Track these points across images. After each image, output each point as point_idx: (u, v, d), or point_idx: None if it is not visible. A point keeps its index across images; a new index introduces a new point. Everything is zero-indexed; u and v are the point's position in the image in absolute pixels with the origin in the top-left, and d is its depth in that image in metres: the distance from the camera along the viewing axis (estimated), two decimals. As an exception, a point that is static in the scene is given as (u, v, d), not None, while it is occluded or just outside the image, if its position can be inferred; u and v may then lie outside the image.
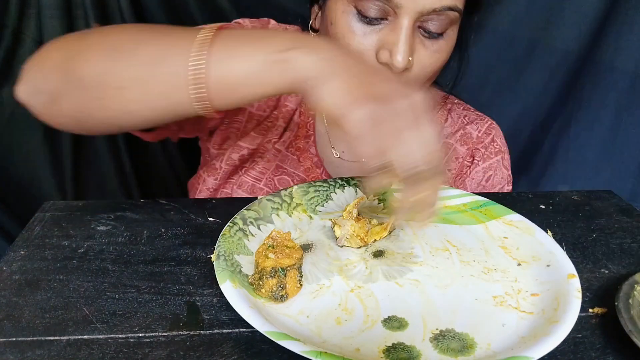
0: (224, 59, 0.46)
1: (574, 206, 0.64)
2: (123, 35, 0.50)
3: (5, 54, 1.00)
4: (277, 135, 0.76)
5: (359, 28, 0.61)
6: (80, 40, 0.52)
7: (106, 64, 0.48)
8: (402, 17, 0.59)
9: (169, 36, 0.49)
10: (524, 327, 0.42)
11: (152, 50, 0.48)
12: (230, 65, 0.46)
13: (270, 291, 0.44)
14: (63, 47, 0.52)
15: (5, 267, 0.48)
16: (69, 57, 0.50)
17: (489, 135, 0.79)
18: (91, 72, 0.48)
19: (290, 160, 0.76)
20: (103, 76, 0.48)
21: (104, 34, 0.52)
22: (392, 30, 0.60)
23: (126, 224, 0.56)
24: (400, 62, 0.60)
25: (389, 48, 0.60)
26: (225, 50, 0.46)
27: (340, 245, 0.53)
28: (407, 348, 0.40)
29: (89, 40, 0.51)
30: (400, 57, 0.59)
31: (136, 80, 0.48)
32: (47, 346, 0.39)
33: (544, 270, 0.49)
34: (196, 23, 1.10)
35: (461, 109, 0.82)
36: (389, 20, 0.61)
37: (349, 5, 0.61)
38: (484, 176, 0.78)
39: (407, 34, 0.60)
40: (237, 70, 0.46)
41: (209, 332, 0.41)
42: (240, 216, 0.54)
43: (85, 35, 0.53)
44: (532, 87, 1.11)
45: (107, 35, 0.51)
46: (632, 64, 1.01)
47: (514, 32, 1.06)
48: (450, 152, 0.79)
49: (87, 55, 0.49)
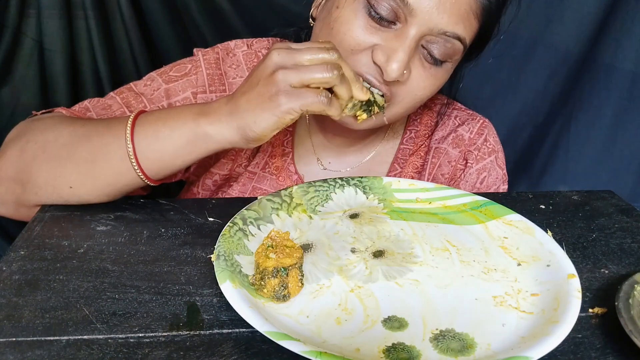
0: (150, 144, 0.54)
1: (574, 206, 0.64)
2: (59, 140, 0.57)
3: (5, 54, 1.00)
4: (246, 159, 0.75)
5: (365, 21, 0.59)
6: (23, 151, 0.58)
7: (54, 172, 0.56)
8: (411, 27, 0.58)
9: (98, 135, 0.56)
10: (524, 327, 0.42)
11: (89, 153, 0.55)
12: (159, 149, 0.55)
13: (272, 291, 0.44)
14: (12, 159, 0.58)
15: (5, 267, 0.48)
16: (20, 169, 0.57)
17: (481, 135, 0.78)
18: (43, 181, 0.56)
19: (269, 180, 0.75)
20: (54, 183, 0.56)
21: (40, 143, 0.57)
22: (396, 37, 0.58)
23: (126, 224, 0.56)
24: (395, 71, 0.57)
25: (388, 53, 0.58)
26: (146, 139, 0.54)
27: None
28: (407, 348, 0.40)
29: (31, 150, 0.57)
30: (396, 65, 0.57)
31: (83, 180, 0.56)
32: (47, 346, 0.39)
33: (544, 270, 0.49)
34: (196, 23, 1.10)
35: (451, 110, 0.81)
36: (397, 26, 0.59)
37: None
38: (478, 178, 0.77)
39: (411, 46, 0.58)
40: (166, 152, 0.55)
41: (209, 332, 0.41)
42: (240, 216, 0.54)
43: (26, 144, 0.58)
44: (532, 87, 1.11)
45: (45, 143, 0.57)
46: (632, 64, 1.02)
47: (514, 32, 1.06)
48: (442, 157, 0.78)
49: (35, 167, 0.56)
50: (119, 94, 0.70)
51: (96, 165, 0.55)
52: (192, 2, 1.08)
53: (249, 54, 0.75)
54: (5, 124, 0.99)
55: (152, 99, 0.70)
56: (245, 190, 0.75)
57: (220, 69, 0.73)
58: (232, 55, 0.74)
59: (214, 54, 0.73)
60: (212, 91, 0.72)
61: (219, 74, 0.72)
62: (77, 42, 1.05)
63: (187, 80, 0.71)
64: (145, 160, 0.55)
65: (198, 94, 0.71)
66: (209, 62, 0.73)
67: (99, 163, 0.55)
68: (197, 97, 0.71)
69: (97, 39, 1.04)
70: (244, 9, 1.09)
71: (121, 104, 0.69)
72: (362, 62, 0.60)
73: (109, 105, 0.68)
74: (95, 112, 0.67)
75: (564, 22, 1.03)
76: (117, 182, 0.56)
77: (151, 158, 0.55)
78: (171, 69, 0.72)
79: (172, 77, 0.71)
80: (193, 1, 1.08)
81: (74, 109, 0.67)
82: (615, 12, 1.00)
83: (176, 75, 0.71)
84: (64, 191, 0.56)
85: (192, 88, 0.71)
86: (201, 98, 0.71)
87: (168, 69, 0.73)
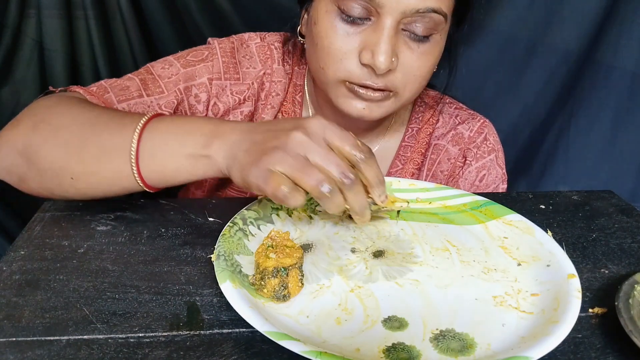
0: (155, 155, 0.53)
1: (574, 206, 0.64)
2: (71, 128, 0.56)
3: (5, 54, 1.00)
4: None
5: (342, 28, 0.61)
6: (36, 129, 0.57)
7: (60, 160, 0.55)
8: (385, 17, 0.59)
9: (109, 132, 0.55)
10: (524, 327, 0.42)
11: (96, 149, 0.54)
12: (161, 162, 0.53)
13: (272, 291, 0.44)
14: (24, 133, 0.57)
15: (5, 267, 0.48)
16: (29, 146, 0.56)
17: (481, 134, 0.78)
18: (47, 166, 0.55)
19: None
20: (58, 170, 0.55)
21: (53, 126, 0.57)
22: (374, 31, 0.60)
23: (126, 224, 0.56)
24: (382, 63, 0.59)
25: (371, 48, 0.60)
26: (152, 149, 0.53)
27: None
28: (407, 348, 0.40)
29: (44, 131, 0.57)
30: (382, 57, 0.59)
31: (86, 174, 0.55)
32: (47, 346, 0.39)
33: (544, 270, 0.49)
34: (196, 23, 1.10)
35: (453, 109, 0.81)
36: (372, 21, 0.60)
37: (332, 4, 0.61)
38: (477, 176, 0.77)
39: (390, 34, 0.59)
40: (168, 166, 0.54)
41: (209, 332, 0.41)
42: (240, 216, 0.54)
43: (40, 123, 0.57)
44: (532, 87, 1.11)
45: (57, 128, 0.56)
46: (632, 64, 1.01)
47: (514, 32, 1.06)
48: (441, 154, 0.79)
49: (43, 150, 0.56)
50: (137, 75, 0.71)
51: (101, 163, 0.55)
52: (192, 2, 1.08)
53: (261, 46, 0.77)
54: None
55: (169, 82, 0.71)
56: (245, 191, 0.76)
57: (235, 58, 0.75)
58: (245, 46, 0.76)
59: (230, 43, 0.75)
60: (226, 78, 0.74)
61: (233, 62, 0.74)
62: (77, 42, 1.05)
63: (204, 66, 0.73)
64: (147, 173, 0.54)
65: (214, 80, 0.73)
66: (225, 50, 0.74)
67: (104, 162, 0.55)
68: (213, 82, 0.73)
69: (97, 39, 1.05)
70: (244, 9, 1.09)
71: (139, 85, 0.69)
72: (353, 68, 0.62)
73: (127, 87, 0.69)
74: (113, 93, 0.68)
75: (564, 22, 1.03)
76: (117, 184, 0.56)
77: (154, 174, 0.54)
78: (188, 54, 0.74)
79: (190, 61, 0.73)
80: (193, 1, 1.08)
81: (92, 89, 0.67)
82: (615, 12, 1.00)
83: (194, 60, 0.73)
84: (65, 181, 0.55)
85: (208, 74, 0.73)
86: (216, 84, 0.73)
87: (185, 53, 0.74)
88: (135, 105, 0.68)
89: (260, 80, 0.76)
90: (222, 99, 0.74)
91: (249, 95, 0.75)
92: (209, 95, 0.73)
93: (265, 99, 0.76)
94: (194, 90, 0.72)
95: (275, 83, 0.76)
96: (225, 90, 0.74)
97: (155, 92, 0.70)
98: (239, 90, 0.74)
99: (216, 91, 0.73)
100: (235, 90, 0.74)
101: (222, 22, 1.10)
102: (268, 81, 0.76)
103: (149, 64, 0.73)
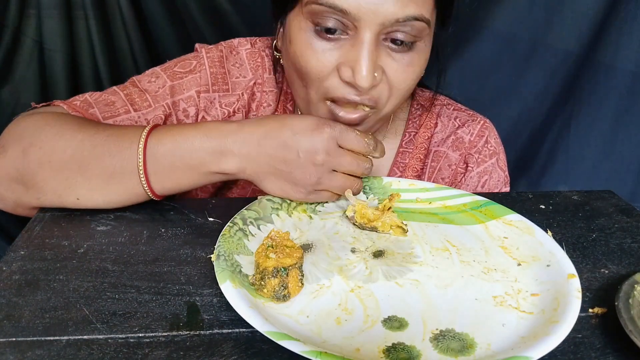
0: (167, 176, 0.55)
1: (574, 206, 0.64)
2: (67, 151, 0.55)
3: (5, 54, 1.00)
4: None
5: (318, 45, 0.57)
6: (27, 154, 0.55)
7: (61, 184, 0.55)
8: (363, 31, 0.54)
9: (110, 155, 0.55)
10: (524, 327, 0.42)
11: (100, 172, 0.54)
12: (172, 182, 0.56)
13: (272, 291, 0.44)
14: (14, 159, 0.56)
15: (5, 267, 0.48)
16: (23, 172, 0.55)
17: (482, 137, 0.76)
18: (49, 189, 0.55)
19: None
20: (61, 192, 0.55)
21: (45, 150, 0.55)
22: (353, 46, 0.56)
23: (126, 224, 0.56)
24: (365, 81, 0.55)
25: (351, 65, 0.56)
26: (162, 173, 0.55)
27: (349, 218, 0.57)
28: (407, 348, 0.40)
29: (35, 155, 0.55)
30: (364, 74, 0.55)
31: (93, 197, 0.56)
32: (47, 346, 0.39)
33: (544, 270, 0.49)
34: (196, 23, 1.10)
35: (451, 110, 0.78)
36: (350, 35, 0.56)
37: (306, 21, 0.57)
38: (479, 181, 0.75)
39: (370, 49, 0.55)
40: (180, 185, 0.57)
41: (209, 332, 0.41)
42: (240, 216, 0.54)
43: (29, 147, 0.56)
44: (532, 88, 1.11)
45: (51, 151, 0.55)
46: (632, 64, 1.01)
47: (514, 32, 1.06)
48: (442, 161, 0.76)
49: (40, 175, 0.55)
50: (122, 89, 0.69)
51: (109, 185, 0.55)
52: (192, 2, 1.08)
53: (252, 52, 0.74)
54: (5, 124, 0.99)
55: (156, 96, 0.69)
56: (245, 192, 0.75)
57: (224, 67, 0.72)
58: (235, 53, 0.74)
59: (218, 52, 0.73)
60: (215, 90, 0.72)
61: (222, 72, 0.72)
62: (77, 42, 1.05)
63: (192, 78, 0.71)
64: (161, 190, 0.57)
65: (202, 92, 0.71)
66: (213, 60, 0.72)
67: (112, 184, 0.55)
68: (201, 95, 0.71)
69: (97, 39, 1.04)
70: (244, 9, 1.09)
71: (125, 101, 0.68)
72: (335, 86, 0.58)
73: (112, 102, 0.67)
74: (98, 109, 0.66)
75: (564, 22, 1.03)
76: (127, 200, 0.57)
77: (168, 190, 0.57)
78: (175, 64, 0.72)
79: (177, 73, 0.71)
80: (193, 1, 1.08)
81: (75, 103, 0.65)
82: (615, 12, 1.00)
83: (181, 72, 0.71)
84: (70, 200, 0.56)
85: (196, 87, 0.71)
86: (204, 97, 0.71)
87: (172, 64, 0.72)
88: (122, 122, 0.66)
89: (250, 91, 0.74)
90: (210, 112, 0.72)
91: (238, 107, 0.73)
92: (197, 109, 0.71)
93: (256, 109, 0.75)
94: (182, 104, 0.70)
95: (267, 93, 0.74)
96: (214, 103, 0.72)
97: (142, 107, 0.68)
98: (228, 102, 0.73)
99: (204, 104, 0.71)
100: (225, 103, 0.73)
101: (222, 23, 1.10)
102: (259, 91, 0.74)
103: (134, 77, 0.71)
